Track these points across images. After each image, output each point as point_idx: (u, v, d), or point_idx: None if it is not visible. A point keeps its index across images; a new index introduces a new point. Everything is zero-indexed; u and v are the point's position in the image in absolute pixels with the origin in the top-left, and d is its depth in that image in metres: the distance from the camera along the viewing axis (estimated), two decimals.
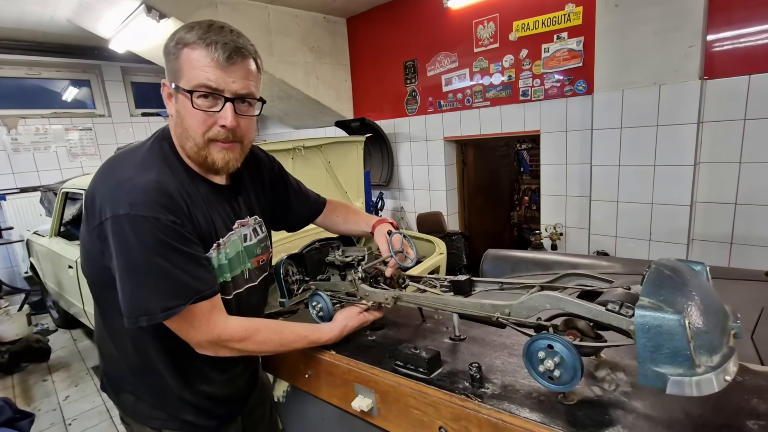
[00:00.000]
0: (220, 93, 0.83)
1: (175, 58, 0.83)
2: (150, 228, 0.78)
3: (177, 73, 0.83)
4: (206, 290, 0.84)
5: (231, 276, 0.95)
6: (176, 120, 0.87)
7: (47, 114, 4.75)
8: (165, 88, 0.88)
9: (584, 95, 2.88)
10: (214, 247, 0.91)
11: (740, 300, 1.29)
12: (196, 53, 0.81)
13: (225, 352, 0.89)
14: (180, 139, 0.89)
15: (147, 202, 0.79)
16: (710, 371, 0.52)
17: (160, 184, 0.82)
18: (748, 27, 2.24)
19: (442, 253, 2.48)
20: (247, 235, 1.01)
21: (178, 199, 0.83)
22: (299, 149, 2.31)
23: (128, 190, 0.79)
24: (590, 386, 0.74)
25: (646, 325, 0.54)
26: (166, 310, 0.80)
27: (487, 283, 0.94)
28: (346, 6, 4.01)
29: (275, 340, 0.94)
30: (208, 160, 0.89)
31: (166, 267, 0.79)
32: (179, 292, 0.80)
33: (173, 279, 0.80)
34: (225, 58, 0.81)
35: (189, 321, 0.84)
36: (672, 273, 0.62)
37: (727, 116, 2.34)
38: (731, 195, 2.41)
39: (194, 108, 0.82)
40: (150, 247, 0.78)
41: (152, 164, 0.86)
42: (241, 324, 0.90)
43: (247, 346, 0.90)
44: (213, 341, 0.86)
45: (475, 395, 0.76)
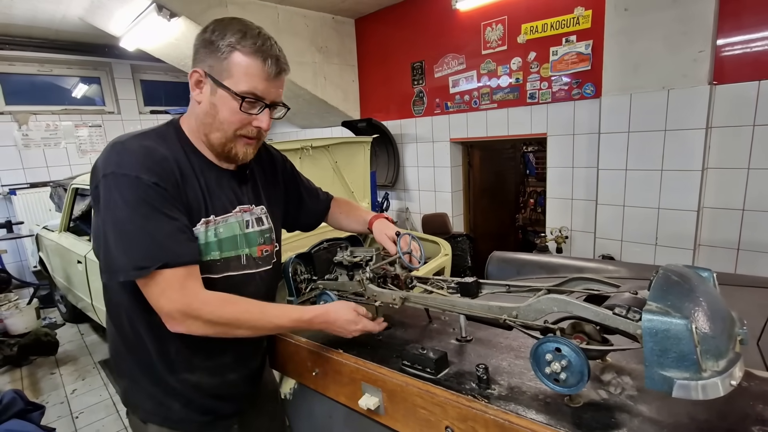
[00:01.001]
0: (262, 100, 0.91)
1: (223, 56, 0.88)
2: (133, 186, 0.82)
3: (223, 72, 0.88)
4: (183, 256, 0.85)
5: (221, 256, 0.96)
6: (207, 110, 0.92)
7: (58, 110, 4.81)
8: (196, 75, 0.92)
9: (592, 99, 2.87)
10: (201, 222, 0.93)
11: (747, 306, 1.29)
12: (251, 62, 0.88)
13: (198, 326, 0.86)
14: (206, 127, 0.94)
15: (132, 163, 0.84)
16: (716, 376, 0.53)
17: (149, 149, 0.87)
18: (759, 32, 2.23)
19: (447, 255, 2.49)
20: (250, 221, 1.03)
21: (167, 165, 0.88)
22: (307, 149, 2.33)
23: (118, 151, 0.86)
24: (596, 389, 0.75)
25: (654, 329, 0.55)
26: (139, 268, 0.81)
27: (494, 285, 0.95)
28: (354, 7, 4.03)
29: (254, 312, 0.91)
30: (231, 152, 0.96)
31: (144, 226, 0.82)
32: (154, 253, 0.82)
33: (150, 238, 0.82)
34: (276, 73, 0.91)
35: (161, 285, 0.83)
36: (680, 279, 0.63)
37: (735, 122, 2.33)
38: (739, 201, 2.40)
39: (241, 110, 0.90)
40: (130, 204, 0.82)
41: (151, 137, 0.92)
42: (216, 294, 0.89)
43: (222, 315, 0.87)
44: (184, 310, 0.84)
45: (482, 396, 0.77)
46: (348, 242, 1.32)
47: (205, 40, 0.90)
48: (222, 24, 0.90)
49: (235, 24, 0.89)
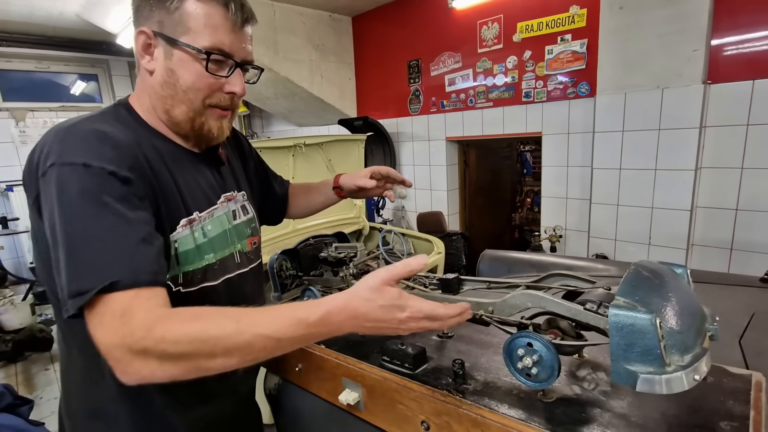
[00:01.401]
0: (231, 57, 0.75)
1: (174, 6, 0.70)
2: (76, 177, 0.61)
3: (178, 26, 0.71)
4: (140, 274, 0.59)
5: (217, 258, 0.82)
6: (164, 79, 0.74)
7: (55, 107, 4.81)
8: (143, 38, 0.73)
9: (587, 98, 2.87)
10: (183, 223, 0.75)
11: (733, 305, 1.29)
12: (210, 9, 0.71)
13: (150, 366, 0.56)
14: (166, 101, 0.75)
15: (79, 148, 0.63)
16: (680, 370, 0.53)
17: (105, 133, 0.66)
18: (753, 32, 2.23)
19: (440, 253, 2.49)
20: (236, 211, 0.89)
21: (131, 152, 0.68)
22: (300, 147, 2.33)
23: (62, 138, 0.65)
24: (571, 385, 0.75)
25: (620, 323, 0.55)
26: (76, 294, 0.57)
27: (475, 281, 0.95)
28: (351, 4, 4.03)
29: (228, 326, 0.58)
30: (203, 129, 0.79)
31: (87, 230, 0.59)
32: (98, 268, 0.58)
33: (93, 248, 0.59)
34: (242, 21, 0.74)
35: (99, 313, 0.58)
36: (650, 274, 0.63)
37: (729, 121, 2.33)
38: (732, 201, 2.40)
39: (207, 72, 0.73)
40: (70, 201, 0.60)
41: (104, 120, 0.72)
42: (170, 311, 0.60)
43: (176, 342, 0.56)
44: (125, 344, 0.56)
45: (457, 391, 0.77)
46: (335, 238, 1.32)
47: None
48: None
49: None
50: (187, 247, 0.76)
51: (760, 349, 1.02)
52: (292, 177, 2.38)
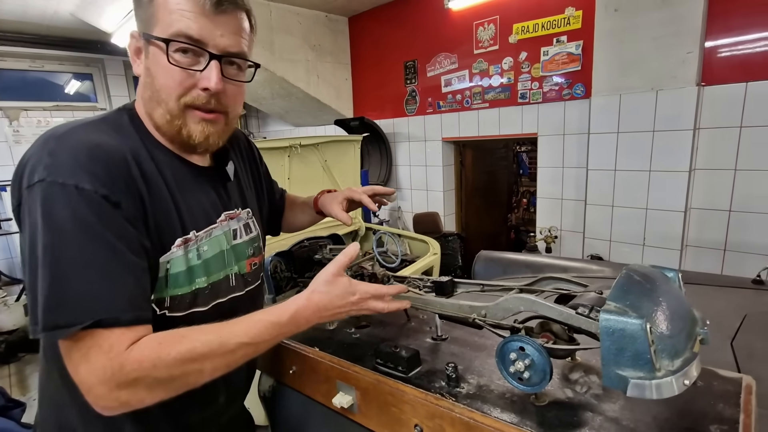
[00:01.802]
0: (203, 47, 0.67)
1: (147, 2, 0.67)
2: (67, 200, 0.57)
3: (149, 20, 0.67)
4: (126, 311, 0.59)
5: (209, 282, 0.77)
6: (145, 80, 0.70)
7: (49, 107, 4.78)
8: (133, 41, 0.71)
9: (582, 99, 2.88)
10: (178, 243, 0.71)
11: (725, 306, 1.30)
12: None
13: (141, 394, 0.58)
14: (148, 104, 0.71)
15: (70, 165, 0.58)
16: (670, 375, 0.53)
17: (98, 146, 0.62)
18: (746, 34, 2.24)
19: (436, 254, 2.50)
20: (237, 230, 0.84)
21: (123, 169, 0.63)
22: (296, 147, 2.33)
23: (52, 150, 0.60)
24: (563, 388, 0.76)
25: (610, 328, 0.55)
26: (52, 327, 0.55)
27: (469, 284, 0.95)
28: (348, 5, 4.02)
29: (212, 341, 0.62)
30: (183, 133, 0.71)
31: (74, 260, 0.57)
32: (83, 303, 0.56)
33: (79, 281, 0.57)
34: (213, 3, 0.65)
35: (84, 349, 0.57)
36: (641, 279, 0.64)
37: (723, 123, 2.35)
38: (726, 202, 2.41)
39: (170, 63, 0.66)
40: (59, 227, 0.57)
41: (100, 128, 0.67)
42: (154, 339, 0.61)
43: (168, 367, 0.58)
44: (113, 380, 0.56)
45: (450, 394, 0.77)
46: (330, 240, 1.32)
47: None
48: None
49: None
50: (179, 269, 0.71)
51: (752, 351, 1.03)
52: (287, 178, 2.38)
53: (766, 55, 2.20)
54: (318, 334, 1.13)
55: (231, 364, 0.65)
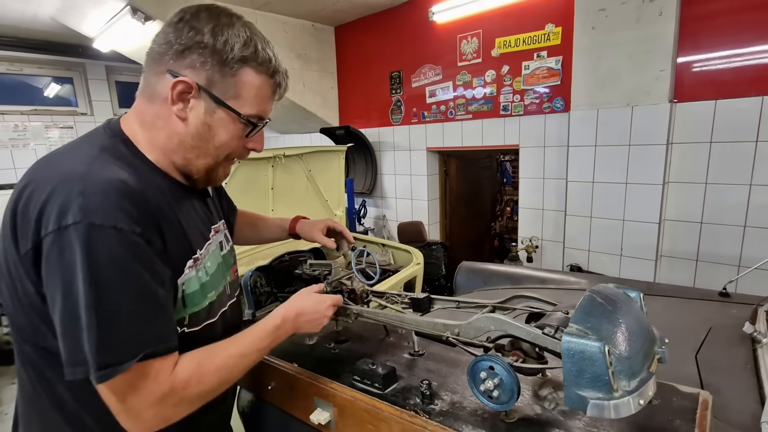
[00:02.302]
0: (263, 122, 0.80)
1: (232, 72, 0.71)
2: (107, 242, 0.59)
3: (229, 90, 0.72)
4: (165, 342, 0.65)
5: (216, 294, 0.83)
6: (198, 132, 0.74)
7: (27, 111, 4.67)
8: (182, 86, 0.70)
9: (561, 112, 2.96)
10: (189, 264, 0.75)
11: (691, 319, 1.35)
12: (264, 82, 0.75)
13: (182, 409, 0.68)
14: (191, 151, 0.76)
15: (106, 206, 0.60)
16: (627, 395, 0.56)
17: (125, 184, 0.64)
18: (715, 53, 2.35)
19: (419, 264, 2.52)
20: (222, 242, 0.89)
21: (146, 204, 0.66)
22: (279, 158, 2.33)
23: (81, 191, 0.60)
24: (533, 405, 0.78)
25: (571, 350, 0.58)
26: (107, 366, 0.59)
27: (445, 301, 0.97)
28: (334, 15, 4.06)
29: (234, 354, 0.75)
30: (216, 177, 0.83)
31: (119, 301, 0.60)
32: (130, 341, 0.61)
33: (126, 320, 0.61)
34: (282, 94, 0.80)
35: (130, 380, 0.62)
36: (604, 300, 0.67)
37: (694, 138, 2.44)
38: (697, 214, 2.50)
39: (246, 137, 0.78)
40: (102, 269, 0.59)
41: (108, 161, 0.68)
42: (191, 359, 0.69)
43: (210, 382, 0.70)
44: (163, 401, 0.64)
45: (424, 411, 0.79)
46: (310, 254, 1.33)
47: (202, 43, 0.69)
48: (221, 23, 0.70)
49: (240, 27, 0.72)
50: (194, 288, 0.76)
51: (715, 364, 1.07)
52: (271, 188, 2.38)
53: (733, 74, 2.31)
54: (296, 348, 1.13)
55: (244, 371, 0.78)
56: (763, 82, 2.22)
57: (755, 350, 1.10)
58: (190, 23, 0.70)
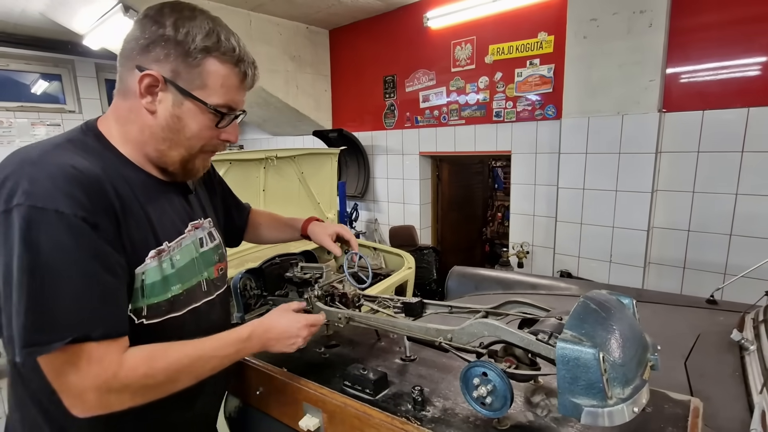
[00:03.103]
0: (235, 111, 0.81)
1: (195, 62, 0.73)
2: (47, 225, 0.60)
3: (194, 80, 0.74)
4: (104, 327, 0.65)
5: (183, 288, 0.82)
6: (168, 124, 0.76)
7: (13, 107, 4.57)
8: (149, 80, 0.72)
9: (553, 120, 2.99)
10: (152, 255, 0.76)
11: (680, 326, 1.36)
12: (229, 71, 0.76)
13: (124, 399, 0.67)
14: (164, 143, 0.77)
15: (50, 190, 0.61)
16: (621, 402, 0.56)
17: (75, 170, 0.65)
18: (703, 65, 2.39)
19: (411, 268, 2.51)
20: (203, 239, 0.90)
21: (99, 190, 0.67)
22: (271, 159, 2.31)
23: (30, 175, 0.62)
24: (525, 411, 0.77)
25: (566, 357, 0.58)
26: (32, 344, 0.60)
27: (438, 306, 0.96)
28: (328, 18, 4.06)
29: (191, 355, 0.73)
30: (192, 169, 0.84)
31: (53, 281, 0.61)
32: (61, 321, 0.61)
33: (58, 300, 0.61)
34: (252, 83, 0.81)
35: (71, 361, 0.63)
36: (597, 307, 0.66)
37: (682, 148, 2.49)
38: (685, 222, 2.54)
39: (216, 126, 0.79)
40: (38, 250, 0.60)
41: (71, 149, 0.70)
42: (142, 351, 0.69)
43: (155, 374, 0.68)
44: (105, 386, 0.64)
45: (416, 418, 0.78)
46: (302, 257, 1.31)
47: (164, 36, 0.71)
48: (183, 16, 0.72)
49: (203, 18, 0.74)
50: (154, 279, 0.76)
51: (704, 371, 1.08)
52: (263, 189, 2.35)
53: (720, 86, 2.36)
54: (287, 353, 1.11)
55: (201, 375, 0.76)
56: (749, 94, 2.27)
57: (743, 357, 1.11)
58: (154, 18, 0.73)
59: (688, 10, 2.37)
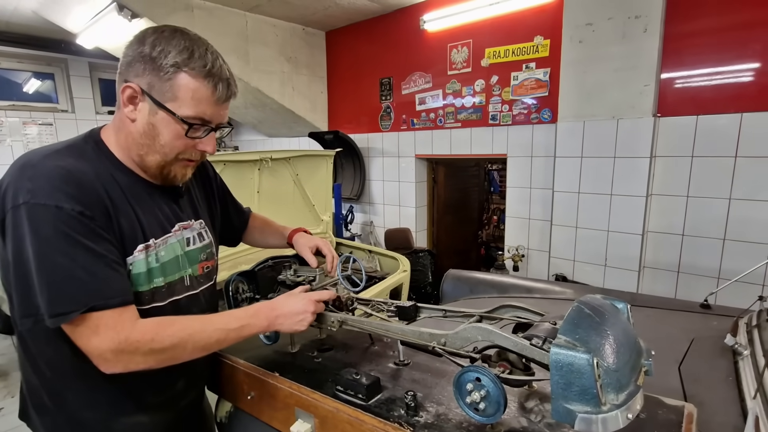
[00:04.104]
0: (209, 125, 0.86)
1: (167, 77, 0.80)
2: (50, 218, 0.72)
3: (166, 93, 0.81)
4: (112, 298, 0.76)
5: (165, 281, 0.90)
6: (144, 131, 0.84)
7: (4, 106, 4.52)
8: (130, 91, 0.82)
9: (549, 123, 3.00)
10: (140, 248, 0.85)
11: (673, 330, 1.36)
12: (199, 85, 0.81)
13: (138, 360, 0.77)
14: (142, 148, 0.85)
15: (49, 189, 0.73)
16: (615, 409, 0.55)
17: (69, 172, 0.76)
18: (697, 70, 2.41)
19: (406, 271, 2.50)
20: (190, 239, 0.97)
21: (92, 189, 0.78)
22: (266, 161, 2.29)
23: (30, 176, 0.74)
24: (519, 417, 0.77)
25: (560, 362, 0.57)
26: (57, 315, 0.72)
27: (432, 310, 0.96)
28: (325, 20, 4.05)
29: (195, 326, 0.83)
30: (170, 175, 0.90)
31: (64, 264, 0.72)
32: (77, 295, 0.73)
33: (71, 278, 0.73)
34: (225, 96, 0.85)
35: (90, 327, 0.75)
36: (591, 312, 0.66)
37: (676, 152, 2.50)
38: (679, 226, 2.55)
39: (187, 136, 0.84)
40: (46, 239, 0.72)
41: (68, 155, 0.81)
42: (152, 320, 0.81)
43: (162, 340, 0.78)
44: (119, 348, 0.75)
45: (408, 424, 0.76)
46: (295, 260, 1.30)
47: (143, 54, 0.80)
48: (163, 37, 0.81)
49: (179, 38, 0.81)
50: (140, 270, 0.85)
51: (697, 376, 1.08)
52: (257, 191, 2.34)
53: (714, 91, 2.37)
54: (279, 357, 1.10)
55: (207, 346, 0.84)
56: (742, 100, 2.29)
57: (736, 362, 1.11)
58: (139, 39, 0.82)
59: (682, 15, 2.39)
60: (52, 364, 0.84)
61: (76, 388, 0.86)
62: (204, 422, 1.18)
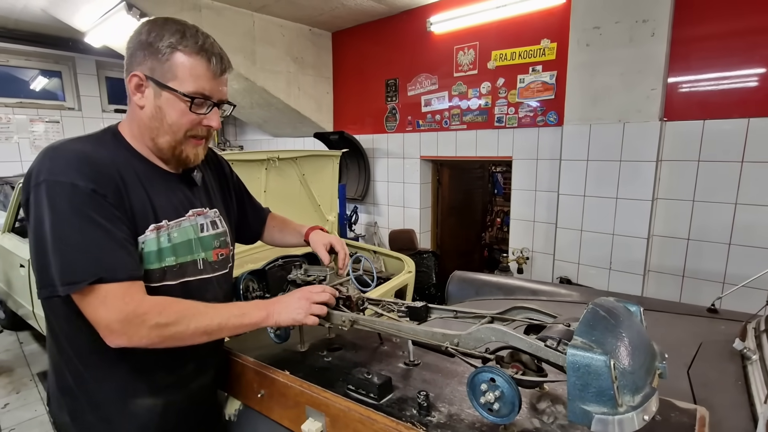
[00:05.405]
0: (210, 99, 0.91)
1: (164, 58, 0.86)
2: (66, 194, 0.78)
3: (167, 73, 0.87)
4: (119, 272, 0.80)
5: (177, 261, 0.94)
6: (152, 114, 0.90)
7: (11, 103, 4.55)
8: (136, 80, 0.88)
9: (555, 126, 3.00)
10: (151, 228, 0.90)
11: (682, 334, 1.36)
12: (195, 61, 0.87)
13: (142, 333, 0.80)
14: (153, 131, 0.91)
15: (66, 168, 0.79)
16: (631, 410, 0.56)
17: (86, 154, 0.83)
18: (704, 75, 2.41)
19: (411, 272, 2.51)
20: (204, 225, 1.01)
21: (105, 170, 0.84)
22: (273, 160, 2.30)
23: (51, 157, 0.81)
24: (531, 418, 0.77)
25: (577, 363, 0.57)
26: (68, 284, 0.76)
27: (443, 310, 0.96)
28: (332, 21, 4.07)
29: (200, 308, 0.87)
30: (182, 155, 0.94)
31: (76, 238, 0.77)
32: (88, 267, 0.77)
33: (83, 251, 0.78)
34: (221, 71, 0.91)
35: (99, 298, 0.78)
36: (606, 314, 0.66)
37: (683, 156, 2.50)
38: (684, 230, 2.55)
39: (191, 111, 0.89)
40: (62, 213, 0.77)
41: (87, 142, 0.89)
42: (159, 297, 0.85)
43: (168, 316, 0.82)
44: (126, 319, 0.78)
45: (421, 423, 0.77)
46: (305, 260, 1.30)
47: (141, 42, 0.87)
48: (157, 25, 0.87)
49: (172, 24, 0.88)
50: (151, 249, 0.89)
51: (707, 380, 1.08)
52: (264, 191, 2.35)
53: (720, 96, 2.37)
54: (289, 355, 1.11)
55: (209, 329, 0.86)
56: (749, 105, 2.29)
57: (745, 367, 1.11)
58: (138, 32, 0.89)
59: (690, 20, 2.39)
60: (71, 341, 0.90)
61: (93, 364, 0.90)
62: (216, 416, 1.19)
